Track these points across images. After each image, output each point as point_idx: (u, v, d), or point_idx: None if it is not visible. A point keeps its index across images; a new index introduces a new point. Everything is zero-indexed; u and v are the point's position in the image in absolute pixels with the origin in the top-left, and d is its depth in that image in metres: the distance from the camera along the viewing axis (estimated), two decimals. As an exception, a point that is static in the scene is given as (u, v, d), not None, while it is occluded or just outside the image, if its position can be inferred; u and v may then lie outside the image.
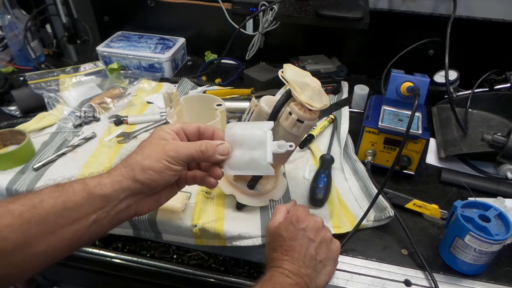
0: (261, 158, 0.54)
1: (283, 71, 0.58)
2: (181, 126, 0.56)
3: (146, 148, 0.51)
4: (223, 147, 0.54)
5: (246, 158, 0.55)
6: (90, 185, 0.48)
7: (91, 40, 1.23)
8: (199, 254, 1.06)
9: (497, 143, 0.73)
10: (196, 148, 0.52)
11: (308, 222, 0.57)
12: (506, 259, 0.66)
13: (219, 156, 0.54)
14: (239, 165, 0.55)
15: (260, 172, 0.56)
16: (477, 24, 1.05)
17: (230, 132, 0.56)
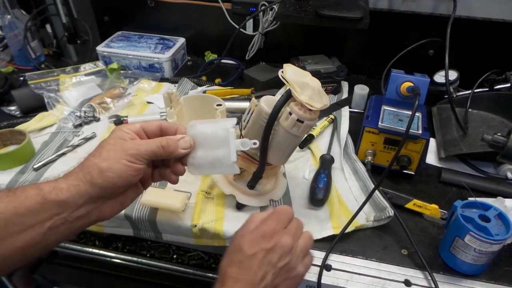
0: (225, 158, 0.53)
1: (283, 71, 0.58)
2: (141, 126, 0.54)
3: (104, 149, 0.49)
4: (185, 140, 0.53)
5: (209, 158, 0.53)
6: (44, 190, 0.45)
7: (91, 40, 1.23)
8: (199, 254, 1.06)
9: (497, 143, 0.73)
10: (157, 143, 0.50)
11: (277, 241, 0.48)
12: (506, 259, 0.66)
13: (182, 151, 0.53)
14: (203, 165, 0.54)
15: (225, 171, 0.55)
16: (477, 24, 1.05)
17: (192, 131, 0.54)
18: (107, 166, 0.47)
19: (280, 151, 0.63)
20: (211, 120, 0.57)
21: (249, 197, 0.70)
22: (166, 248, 1.07)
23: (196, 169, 0.54)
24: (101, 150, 0.49)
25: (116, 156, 0.47)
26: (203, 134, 0.54)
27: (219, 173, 0.59)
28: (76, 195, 0.46)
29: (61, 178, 0.47)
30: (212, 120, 0.57)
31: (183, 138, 0.53)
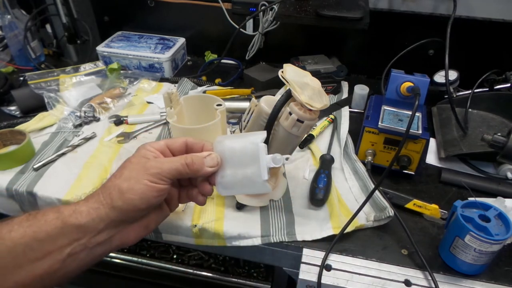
0: (255, 175, 0.48)
1: (283, 71, 0.58)
2: (165, 143, 0.51)
3: (126, 169, 0.46)
4: (212, 157, 0.49)
5: (239, 176, 0.49)
6: (64, 213, 0.43)
7: (91, 40, 1.23)
8: (199, 254, 1.06)
9: (497, 143, 0.73)
10: (181, 161, 0.47)
11: None
12: (506, 259, 0.66)
13: (208, 169, 0.49)
14: (233, 184, 0.50)
15: (257, 190, 0.50)
16: (477, 24, 1.05)
17: (219, 147, 0.51)
18: (128, 187, 0.44)
19: (280, 151, 0.63)
20: (239, 135, 0.52)
21: (249, 197, 0.70)
22: (166, 248, 1.07)
23: (226, 189, 0.50)
24: (122, 170, 0.46)
25: (137, 176, 0.45)
26: (231, 150, 0.50)
27: (250, 192, 0.54)
28: (97, 219, 0.44)
29: (83, 200, 0.45)
30: (240, 135, 0.52)
31: (209, 155, 0.49)
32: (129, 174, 0.45)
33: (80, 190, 0.75)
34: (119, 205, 0.44)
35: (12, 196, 0.76)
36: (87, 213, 0.44)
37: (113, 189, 0.45)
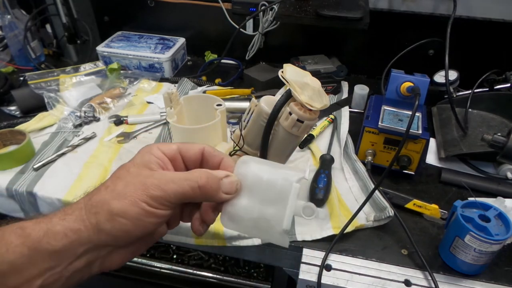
0: (275, 220, 0.38)
1: (283, 71, 0.58)
2: (178, 148, 0.40)
3: (120, 180, 0.36)
4: (230, 181, 0.39)
5: (255, 213, 0.39)
6: (32, 236, 0.33)
7: (91, 40, 1.23)
8: (199, 254, 1.06)
9: (497, 143, 0.73)
10: (193, 183, 0.36)
11: None
12: (506, 259, 0.66)
13: (223, 195, 0.38)
14: (244, 220, 0.39)
15: (269, 238, 0.40)
16: (477, 24, 1.05)
17: (243, 169, 0.40)
18: (120, 209, 0.34)
19: (280, 151, 0.63)
20: (271, 163, 0.41)
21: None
22: (166, 248, 1.07)
23: (232, 222, 0.40)
24: (116, 181, 0.36)
25: (134, 194, 0.35)
26: (256, 178, 0.39)
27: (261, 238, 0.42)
28: (76, 243, 0.34)
29: (58, 215, 0.35)
30: (272, 163, 0.41)
31: (228, 177, 0.39)
32: (124, 190, 0.35)
33: (80, 190, 0.75)
34: (106, 229, 0.34)
35: (12, 196, 0.76)
36: (63, 235, 0.34)
37: (101, 207, 0.35)
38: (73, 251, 0.35)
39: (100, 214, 0.34)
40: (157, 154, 0.39)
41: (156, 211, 0.35)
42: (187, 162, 0.41)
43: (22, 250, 0.33)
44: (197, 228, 0.41)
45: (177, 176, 0.37)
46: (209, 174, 0.38)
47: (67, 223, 0.34)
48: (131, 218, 0.35)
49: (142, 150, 0.39)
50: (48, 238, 0.34)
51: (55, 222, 0.34)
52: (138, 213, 0.35)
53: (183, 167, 0.41)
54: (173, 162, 0.40)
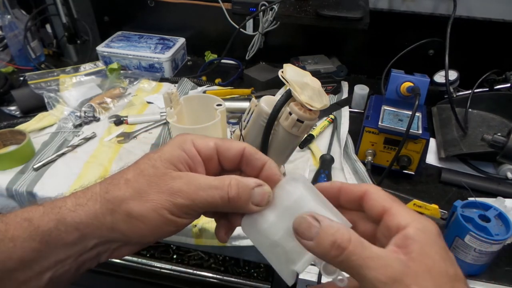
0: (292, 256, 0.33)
1: (283, 71, 0.58)
2: (216, 145, 0.35)
3: (143, 177, 0.33)
4: (262, 192, 0.34)
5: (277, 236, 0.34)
6: (41, 228, 0.31)
7: (91, 40, 1.23)
8: (199, 254, 1.06)
9: (497, 143, 0.73)
10: (223, 193, 0.33)
11: None
12: (506, 259, 0.66)
13: (253, 207, 0.34)
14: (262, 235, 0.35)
15: (276, 266, 0.36)
16: (477, 24, 1.05)
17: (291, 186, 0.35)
18: (140, 213, 0.31)
19: (280, 151, 0.63)
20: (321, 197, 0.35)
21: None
22: (166, 248, 1.07)
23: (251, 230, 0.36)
24: (139, 177, 0.33)
25: (157, 198, 0.31)
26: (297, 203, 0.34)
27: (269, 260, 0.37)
28: (88, 236, 0.33)
29: (68, 203, 0.33)
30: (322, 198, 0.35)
31: (260, 187, 0.34)
32: (146, 191, 0.32)
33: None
34: (121, 229, 0.32)
35: (12, 196, 0.76)
36: (74, 228, 0.32)
37: (118, 205, 0.32)
38: (84, 244, 0.33)
39: (117, 213, 0.32)
40: (190, 152, 0.34)
41: (177, 220, 0.32)
42: (224, 162, 0.36)
43: (31, 244, 0.31)
44: (223, 237, 0.38)
45: (207, 182, 0.33)
46: (240, 183, 0.33)
47: (79, 216, 0.32)
48: (149, 225, 0.32)
49: (175, 142, 0.35)
50: (58, 231, 0.32)
51: (66, 213, 0.32)
52: (158, 220, 0.32)
53: (218, 168, 0.36)
54: (207, 162, 0.35)
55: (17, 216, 0.32)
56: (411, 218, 0.29)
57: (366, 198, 0.32)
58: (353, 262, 0.28)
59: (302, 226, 0.30)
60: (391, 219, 0.30)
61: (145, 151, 0.87)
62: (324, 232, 0.29)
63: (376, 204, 0.32)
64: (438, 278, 0.27)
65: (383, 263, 0.27)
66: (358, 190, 0.33)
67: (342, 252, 0.28)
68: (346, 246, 0.28)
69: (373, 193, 0.32)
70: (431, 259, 0.28)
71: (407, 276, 0.26)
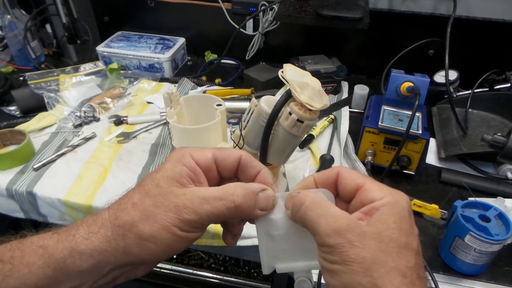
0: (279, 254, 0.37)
1: (283, 71, 0.58)
2: (214, 156, 0.36)
3: (149, 198, 0.33)
4: (266, 196, 0.35)
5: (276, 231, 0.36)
6: (56, 256, 0.32)
7: (91, 40, 1.23)
8: (199, 254, 1.06)
9: (497, 143, 0.73)
10: (228, 203, 0.33)
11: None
12: (506, 259, 0.66)
13: (259, 212, 0.35)
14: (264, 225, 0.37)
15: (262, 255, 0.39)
16: (477, 24, 1.05)
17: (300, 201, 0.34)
18: (150, 234, 0.32)
19: (280, 151, 0.63)
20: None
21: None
22: (166, 248, 1.07)
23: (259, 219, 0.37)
24: (145, 199, 0.33)
25: (165, 217, 0.32)
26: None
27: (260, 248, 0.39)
28: (102, 263, 0.33)
29: (81, 231, 0.33)
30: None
31: (264, 192, 0.35)
32: (154, 211, 0.32)
33: (80, 190, 0.75)
34: (135, 252, 0.33)
35: (12, 196, 0.76)
36: (88, 255, 0.32)
37: (129, 229, 0.32)
38: (99, 270, 0.34)
39: (128, 237, 0.32)
40: (190, 165, 0.35)
41: (188, 235, 0.33)
42: (222, 171, 0.37)
43: (46, 271, 0.32)
44: (230, 242, 0.40)
45: (211, 194, 0.34)
46: (246, 190, 0.34)
47: (92, 243, 0.33)
48: (161, 244, 0.33)
49: (174, 157, 0.35)
50: (73, 259, 0.32)
51: (79, 241, 0.33)
52: (169, 239, 0.33)
53: (217, 177, 0.38)
54: (207, 173, 0.36)
55: (33, 244, 0.33)
56: (384, 193, 0.32)
57: (340, 178, 0.34)
58: (308, 216, 0.31)
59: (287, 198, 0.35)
60: (365, 194, 0.32)
61: (145, 151, 0.87)
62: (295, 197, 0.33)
63: (349, 182, 0.34)
64: (385, 241, 0.29)
65: (332, 220, 0.30)
66: (331, 173, 0.35)
67: (300, 207, 0.32)
68: (303, 201, 0.32)
69: (345, 172, 0.35)
70: (385, 225, 0.29)
71: (352, 232, 0.29)
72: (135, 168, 0.82)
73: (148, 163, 0.83)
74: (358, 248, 0.28)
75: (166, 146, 0.89)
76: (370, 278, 0.28)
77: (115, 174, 0.80)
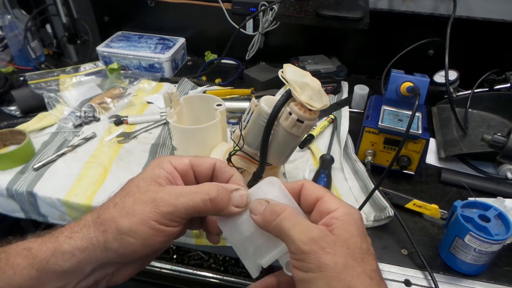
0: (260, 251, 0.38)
1: (283, 71, 0.58)
2: (190, 162, 0.39)
3: (129, 197, 0.35)
4: (241, 195, 0.38)
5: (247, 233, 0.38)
6: (39, 256, 0.33)
7: (91, 40, 1.23)
8: (199, 254, 1.06)
9: (497, 143, 0.73)
10: (203, 196, 0.36)
11: None
12: (506, 259, 0.66)
13: (234, 209, 0.37)
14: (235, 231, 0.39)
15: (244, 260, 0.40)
16: (477, 24, 1.05)
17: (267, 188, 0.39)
18: (129, 227, 0.34)
19: (280, 151, 0.63)
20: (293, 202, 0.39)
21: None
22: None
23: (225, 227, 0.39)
24: (125, 198, 0.36)
25: (143, 212, 0.34)
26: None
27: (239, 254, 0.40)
28: (83, 261, 0.34)
29: (65, 232, 0.35)
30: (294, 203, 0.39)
31: (238, 191, 0.38)
32: (133, 207, 0.34)
33: (80, 190, 0.75)
34: (114, 247, 0.34)
35: (12, 196, 0.76)
36: (71, 254, 0.33)
37: (109, 225, 0.34)
38: (81, 270, 0.35)
39: (108, 232, 0.34)
40: (168, 168, 0.38)
41: (166, 228, 0.35)
42: (199, 177, 0.40)
43: (30, 272, 0.33)
44: (216, 240, 0.42)
45: (187, 189, 0.36)
46: (219, 186, 0.37)
47: (75, 242, 0.34)
48: (139, 238, 0.34)
49: (153, 163, 0.38)
50: (56, 258, 0.33)
51: (62, 241, 0.34)
52: (146, 232, 0.34)
53: (194, 182, 0.40)
54: (184, 177, 0.39)
55: (18, 246, 0.35)
56: (339, 204, 0.35)
57: (303, 189, 0.38)
58: (285, 225, 0.34)
59: (254, 204, 0.37)
60: (323, 205, 0.36)
61: (145, 151, 0.87)
62: (269, 206, 0.36)
63: (311, 194, 0.37)
64: (352, 248, 0.32)
65: (307, 229, 0.33)
66: (297, 184, 0.39)
67: (277, 217, 0.34)
68: (280, 212, 0.34)
69: (308, 184, 0.38)
70: (349, 234, 0.33)
71: (324, 240, 0.32)
72: (135, 168, 0.82)
73: (148, 163, 0.83)
74: (330, 254, 0.31)
75: (166, 146, 0.89)
76: (344, 281, 0.30)
77: (115, 174, 0.80)
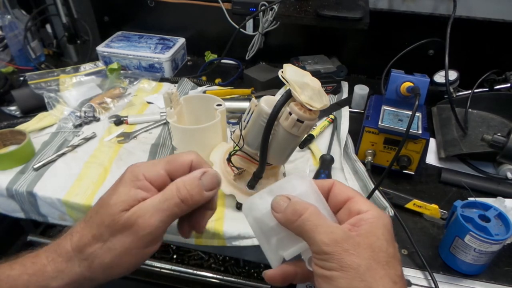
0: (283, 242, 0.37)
1: (283, 71, 0.58)
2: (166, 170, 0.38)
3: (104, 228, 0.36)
4: (209, 175, 0.37)
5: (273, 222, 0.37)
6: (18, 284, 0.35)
7: (91, 40, 1.23)
8: (199, 254, 1.06)
9: (497, 143, 0.73)
10: (174, 199, 0.35)
11: None
12: (506, 259, 0.66)
13: (207, 193, 0.37)
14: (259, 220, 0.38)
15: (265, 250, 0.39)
16: (477, 24, 1.05)
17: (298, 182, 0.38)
18: (113, 262, 0.35)
19: (280, 151, 0.63)
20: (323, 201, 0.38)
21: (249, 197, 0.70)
22: (166, 248, 1.07)
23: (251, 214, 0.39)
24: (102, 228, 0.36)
25: (123, 244, 0.35)
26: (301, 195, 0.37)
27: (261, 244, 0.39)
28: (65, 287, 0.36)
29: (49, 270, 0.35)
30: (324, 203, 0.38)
31: (206, 173, 0.37)
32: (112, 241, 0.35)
33: (80, 190, 0.75)
34: (100, 278, 0.36)
35: (12, 196, 0.76)
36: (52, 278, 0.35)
37: (92, 260, 0.35)
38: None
39: (93, 267, 0.35)
40: (145, 187, 0.37)
41: (148, 250, 0.36)
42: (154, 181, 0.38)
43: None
44: (187, 234, 0.41)
45: (156, 201, 0.36)
46: (185, 182, 0.36)
47: (63, 280, 0.35)
48: (124, 267, 0.36)
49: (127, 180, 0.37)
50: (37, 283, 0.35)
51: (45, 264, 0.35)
52: (132, 261, 0.36)
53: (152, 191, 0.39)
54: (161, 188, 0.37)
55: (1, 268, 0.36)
56: (370, 207, 0.35)
57: (334, 188, 0.38)
58: (307, 227, 0.33)
59: (275, 201, 0.36)
60: (353, 205, 0.36)
61: (145, 151, 0.87)
62: (291, 205, 0.35)
63: (341, 193, 0.37)
64: (377, 251, 0.32)
65: (329, 230, 0.33)
66: (327, 182, 0.39)
67: (299, 217, 0.34)
68: (302, 212, 0.34)
69: (339, 184, 0.38)
70: (375, 237, 0.33)
71: (347, 242, 0.32)
72: (135, 168, 0.82)
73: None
74: (353, 256, 0.31)
75: (166, 146, 0.89)
76: (365, 282, 0.30)
77: (115, 174, 0.80)
